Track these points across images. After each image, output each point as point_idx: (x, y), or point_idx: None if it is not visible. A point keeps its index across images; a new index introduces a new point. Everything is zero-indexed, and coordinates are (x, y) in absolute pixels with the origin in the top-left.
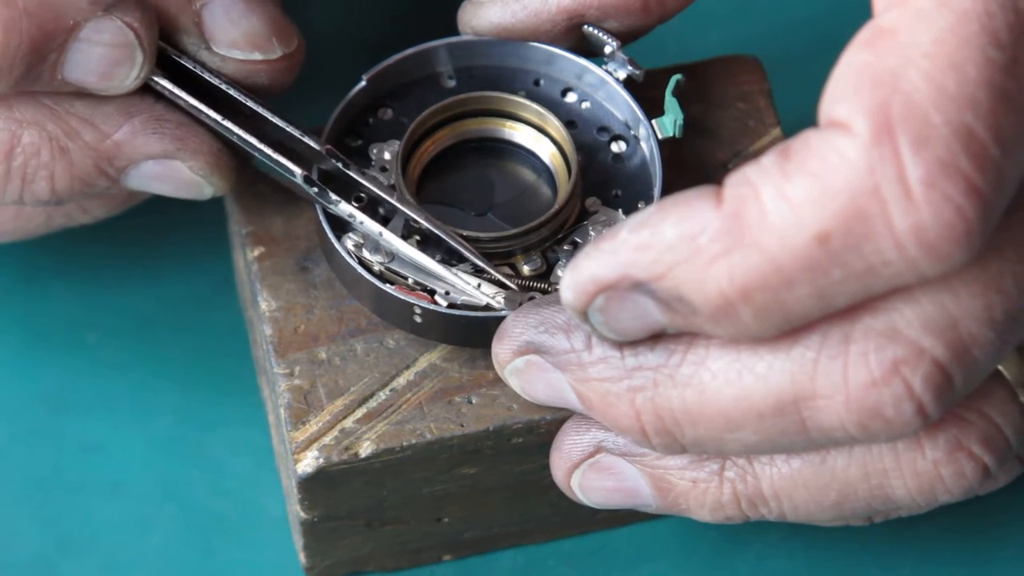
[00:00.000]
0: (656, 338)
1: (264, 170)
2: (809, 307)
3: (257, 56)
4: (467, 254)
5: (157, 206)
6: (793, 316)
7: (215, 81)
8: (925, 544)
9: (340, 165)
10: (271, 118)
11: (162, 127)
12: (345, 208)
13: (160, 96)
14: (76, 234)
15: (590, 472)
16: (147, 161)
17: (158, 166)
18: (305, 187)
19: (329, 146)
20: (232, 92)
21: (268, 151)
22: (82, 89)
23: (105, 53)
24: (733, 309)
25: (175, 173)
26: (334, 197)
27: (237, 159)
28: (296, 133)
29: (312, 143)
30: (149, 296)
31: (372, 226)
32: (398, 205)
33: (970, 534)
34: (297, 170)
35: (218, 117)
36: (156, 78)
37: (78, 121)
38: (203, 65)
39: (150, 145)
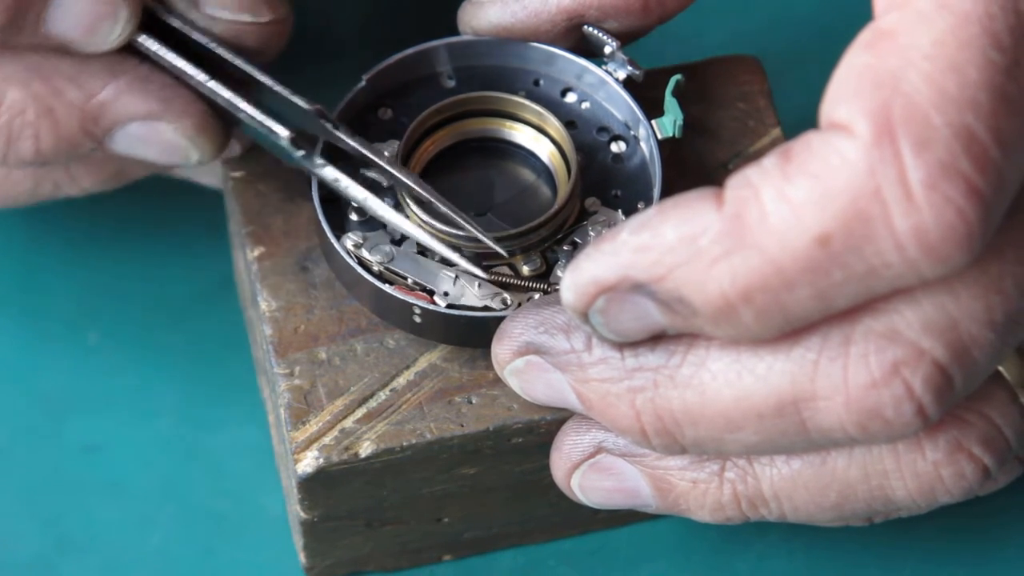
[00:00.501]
0: (656, 339)
1: (251, 135)
2: (810, 308)
3: (246, 18)
4: (462, 221)
5: (157, 205)
6: (794, 317)
7: (203, 40)
8: (925, 544)
9: (329, 126)
10: (259, 77)
11: (147, 88)
12: (331, 172)
13: (146, 58)
14: (76, 233)
15: (590, 472)
16: (132, 123)
17: (143, 127)
18: (291, 149)
19: (319, 106)
20: (220, 51)
21: (253, 112)
22: (66, 44)
23: (88, 8)
24: (734, 311)
25: (160, 135)
26: (320, 160)
27: (224, 124)
28: (285, 92)
29: (301, 103)
30: (149, 296)
31: (357, 191)
32: (390, 168)
33: (970, 535)
34: (283, 131)
35: (203, 78)
36: (142, 38)
37: (63, 80)
38: (192, 24)
39: (135, 105)
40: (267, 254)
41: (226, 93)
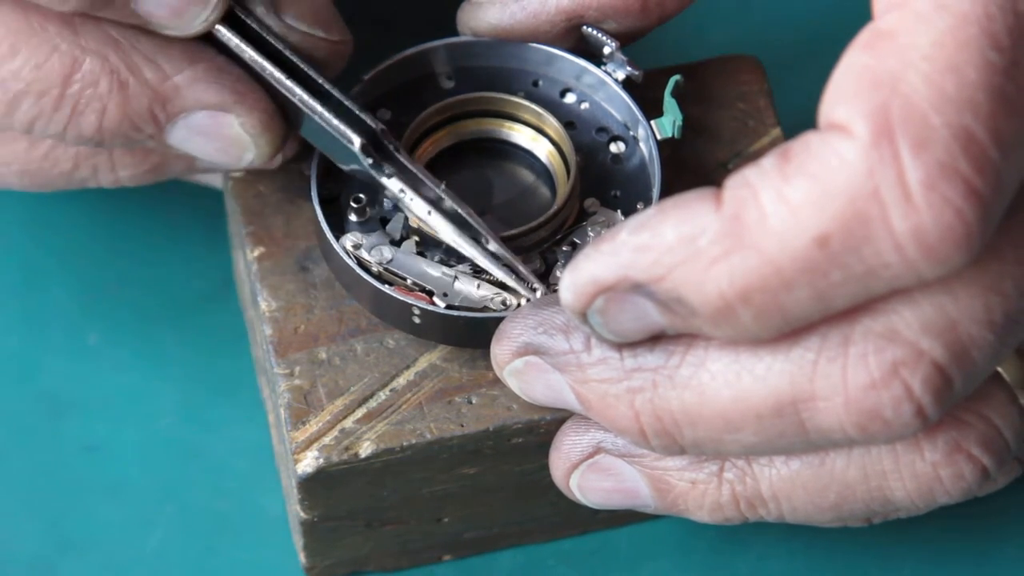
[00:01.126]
0: (655, 339)
1: (310, 138)
2: (808, 309)
3: (320, 33)
4: (499, 247)
5: (157, 205)
6: (792, 318)
7: (279, 46)
8: (925, 545)
9: (391, 147)
10: (328, 88)
11: (222, 78)
12: (396, 184)
13: (222, 51)
14: (76, 233)
15: (589, 473)
16: (199, 112)
17: (209, 119)
18: (361, 156)
19: (383, 126)
20: (293, 58)
21: (328, 115)
22: (150, 23)
23: None
24: (732, 311)
25: (224, 129)
26: (388, 170)
27: (286, 128)
28: (354, 108)
29: (368, 120)
30: (149, 296)
31: (420, 206)
32: (445, 196)
33: (970, 535)
34: (356, 138)
35: (281, 75)
36: (223, 28)
37: (141, 58)
38: (268, 29)
39: (209, 94)
40: (267, 254)
41: (301, 92)
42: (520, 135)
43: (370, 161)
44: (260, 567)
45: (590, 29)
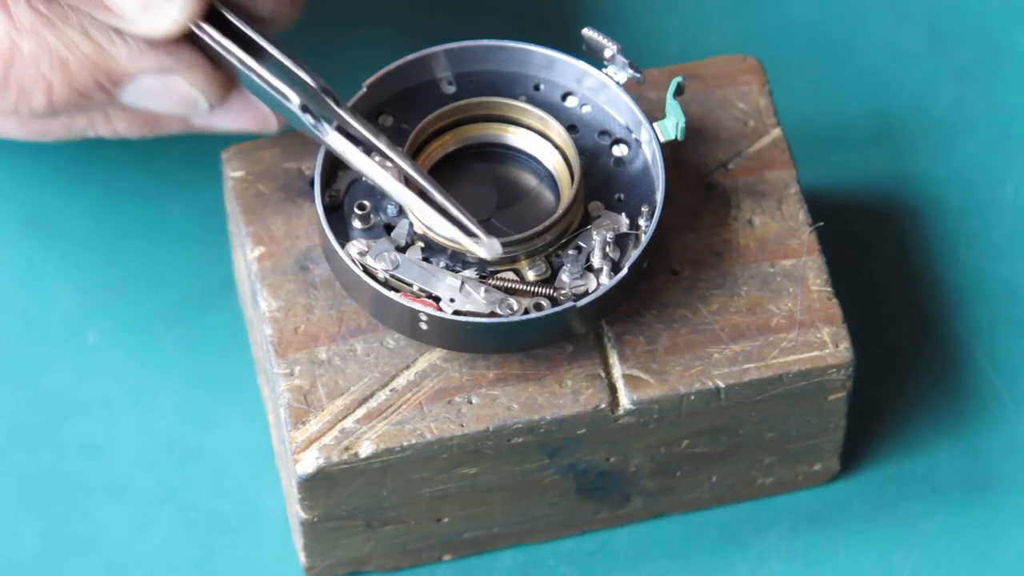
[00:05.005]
0: None
1: (257, 95)
2: None
3: None
4: (453, 208)
5: (157, 205)
6: None
7: (216, 3)
8: (925, 545)
9: (332, 103)
10: (267, 46)
11: (156, 45)
12: (338, 143)
13: None
14: (76, 234)
15: None
16: (145, 76)
17: (156, 81)
18: (300, 115)
19: (323, 83)
20: (230, 17)
21: (265, 74)
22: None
23: None
24: None
25: (172, 86)
26: (326, 128)
27: (229, 75)
28: (291, 65)
29: (307, 78)
30: (149, 296)
31: (362, 163)
32: (388, 151)
33: (971, 535)
34: (295, 96)
35: (218, 35)
36: None
37: (76, 33)
38: None
39: (147, 60)
40: (267, 254)
41: (238, 51)
42: (524, 139)
43: (311, 121)
44: (260, 567)
45: (591, 32)
